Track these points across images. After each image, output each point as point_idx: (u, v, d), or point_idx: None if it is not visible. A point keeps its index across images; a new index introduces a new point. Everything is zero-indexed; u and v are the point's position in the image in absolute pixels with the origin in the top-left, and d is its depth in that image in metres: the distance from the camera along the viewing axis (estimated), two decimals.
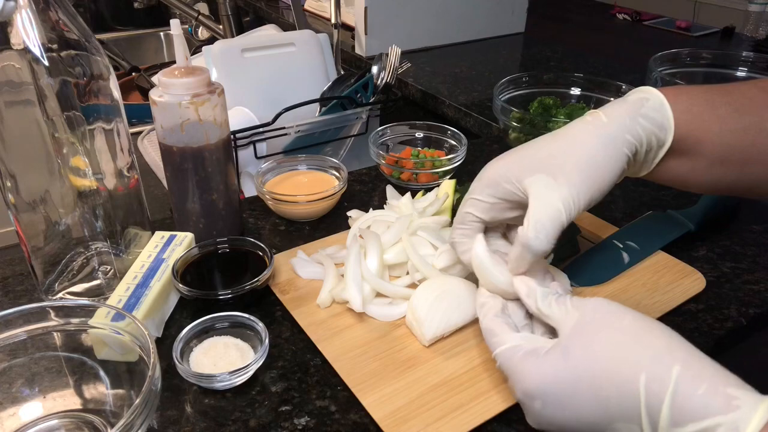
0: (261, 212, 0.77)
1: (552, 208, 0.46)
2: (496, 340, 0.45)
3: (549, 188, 0.46)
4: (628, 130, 0.47)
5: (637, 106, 0.48)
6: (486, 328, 0.47)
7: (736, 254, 0.69)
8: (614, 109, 0.49)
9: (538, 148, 0.49)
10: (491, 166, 0.50)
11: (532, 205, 0.46)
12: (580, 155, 0.47)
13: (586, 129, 0.48)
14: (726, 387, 0.35)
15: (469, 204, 0.51)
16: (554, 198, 0.46)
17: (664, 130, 0.48)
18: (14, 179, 0.54)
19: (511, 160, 0.49)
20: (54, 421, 0.48)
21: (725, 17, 1.89)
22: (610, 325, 0.40)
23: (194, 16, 1.50)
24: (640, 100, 0.48)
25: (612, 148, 0.47)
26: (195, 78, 0.60)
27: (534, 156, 0.48)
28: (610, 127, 0.48)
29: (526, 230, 0.46)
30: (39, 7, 0.50)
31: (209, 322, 0.54)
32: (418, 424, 0.47)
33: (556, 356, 0.41)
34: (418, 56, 1.37)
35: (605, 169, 0.47)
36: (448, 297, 0.55)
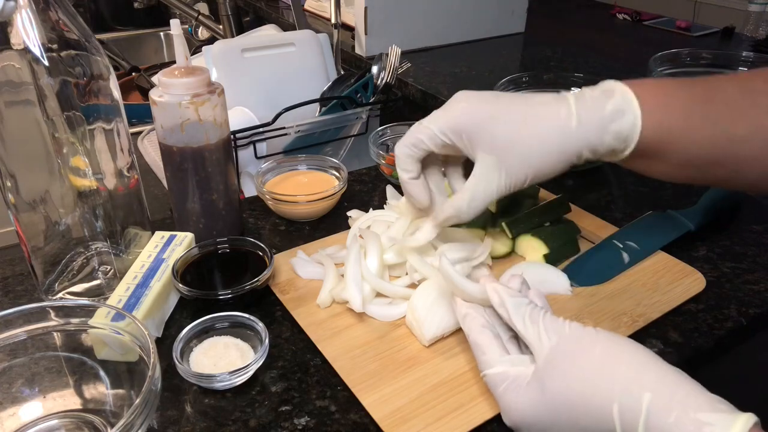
0: (261, 212, 0.77)
1: (488, 191, 0.51)
2: (485, 359, 0.45)
3: (493, 171, 0.50)
4: (590, 144, 0.49)
5: (609, 120, 0.48)
6: (474, 342, 0.47)
7: (736, 254, 0.69)
8: (589, 118, 0.49)
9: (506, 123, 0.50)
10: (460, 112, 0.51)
11: (474, 180, 0.51)
12: (533, 152, 0.49)
13: (554, 129, 0.49)
14: (696, 413, 0.36)
15: (426, 133, 0.52)
16: (493, 182, 0.50)
17: (626, 143, 0.49)
18: (14, 179, 0.54)
19: (480, 120, 0.50)
20: (54, 421, 0.48)
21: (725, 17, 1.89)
22: (582, 356, 0.41)
23: (194, 16, 1.50)
24: (617, 112, 0.48)
25: (565, 154, 0.49)
26: (195, 78, 0.60)
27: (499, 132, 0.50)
28: (575, 136, 0.49)
29: (461, 200, 0.52)
30: (39, 7, 0.50)
31: (209, 322, 0.54)
32: (418, 424, 0.47)
33: (535, 389, 0.42)
34: (418, 56, 1.37)
35: (548, 169, 0.50)
36: (448, 297, 0.55)
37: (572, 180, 0.82)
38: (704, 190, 0.75)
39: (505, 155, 0.50)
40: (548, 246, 0.64)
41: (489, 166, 0.50)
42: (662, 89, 0.50)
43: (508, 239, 0.66)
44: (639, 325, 0.57)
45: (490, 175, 0.50)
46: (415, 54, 1.39)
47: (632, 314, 0.58)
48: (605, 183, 0.84)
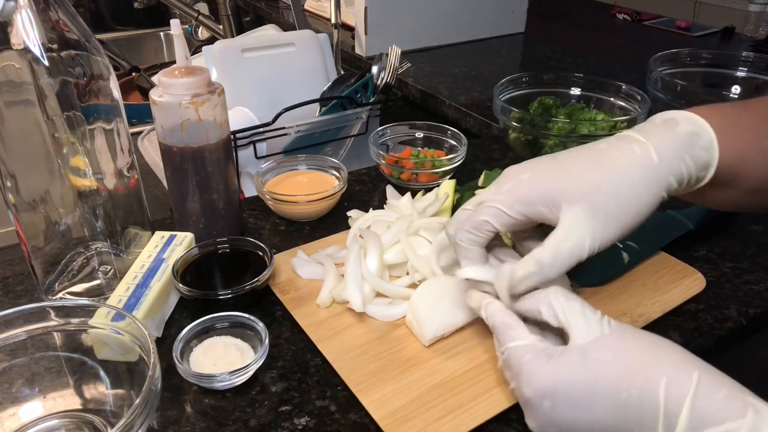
0: (261, 212, 0.77)
1: (579, 245, 0.44)
2: (512, 334, 0.43)
3: (583, 224, 0.44)
4: (674, 171, 0.45)
5: (687, 144, 0.45)
6: (501, 322, 0.45)
7: (736, 254, 0.69)
8: (666, 146, 0.45)
9: (581, 171, 0.45)
10: (527, 182, 0.46)
11: (560, 233, 0.44)
12: (624, 196, 0.44)
13: (635, 165, 0.45)
14: (745, 395, 0.36)
15: (492, 214, 0.46)
16: (586, 236, 0.44)
17: (706, 169, 0.46)
18: (14, 179, 0.54)
19: (551, 180, 0.45)
20: (54, 421, 0.48)
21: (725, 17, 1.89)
22: (628, 338, 0.41)
23: (194, 16, 1.50)
24: (691, 135, 0.45)
25: (655, 192, 0.45)
26: (195, 78, 0.60)
27: (577, 180, 0.45)
28: (659, 169, 0.45)
29: (544, 253, 0.44)
30: (39, 7, 0.50)
31: (209, 322, 0.54)
32: (418, 424, 0.47)
33: (574, 357, 0.40)
34: (418, 56, 1.37)
35: (642, 212, 0.45)
36: (448, 297, 0.55)
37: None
38: None
39: (596, 200, 0.44)
40: None
41: (578, 214, 0.44)
42: (722, 111, 0.48)
43: (508, 239, 0.66)
44: (639, 325, 0.57)
45: (580, 224, 0.43)
46: (415, 54, 1.39)
47: (632, 314, 0.58)
48: None
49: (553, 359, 0.41)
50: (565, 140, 0.80)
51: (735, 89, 1.00)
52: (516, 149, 0.87)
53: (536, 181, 0.46)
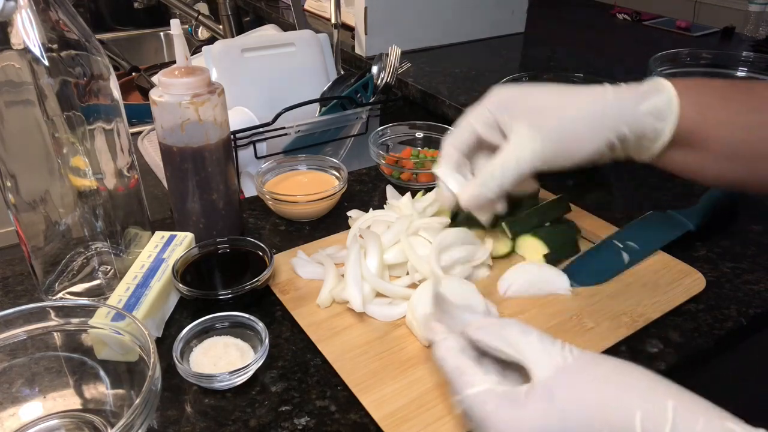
0: (261, 212, 0.77)
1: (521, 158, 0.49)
2: (465, 380, 0.40)
3: (526, 136, 0.49)
4: (625, 116, 0.49)
5: (645, 95, 0.49)
6: (453, 366, 0.41)
7: (736, 254, 0.69)
8: (623, 91, 0.49)
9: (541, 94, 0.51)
10: (500, 89, 0.53)
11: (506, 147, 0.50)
12: (566, 119, 0.49)
13: (588, 96, 0.50)
14: (723, 420, 0.34)
15: (472, 114, 0.53)
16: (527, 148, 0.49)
17: (664, 120, 0.48)
18: (14, 179, 0.54)
19: (517, 94, 0.52)
20: (54, 421, 0.48)
21: (725, 17, 1.89)
22: (591, 369, 0.38)
23: (194, 16, 1.50)
24: (651, 90, 0.49)
25: (600, 126, 0.49)
26: (195, 78, 0.60)
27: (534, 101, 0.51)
28: (609, 105, 0.49)
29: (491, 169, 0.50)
30: (39, 7, 0.50)
31: (209, 322, 0.54)
32: (418, 424, 0.47)
33: (540, 400, 0.37)
34: (418, 56, 1.37)
35: (584, 141, 0.49)
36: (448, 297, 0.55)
37: (572, 180, 0.82)
38: (704, 190, 0.75)
39: (539, 118, 0.49)
40: (548, 246, 0.64)
41: (523, 131, 0.49)
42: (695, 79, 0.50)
43: (508, 239, 0.66)
44: (639, 325, 0.57)
45: (524, 140, 0.49)
46: (415, 54, 1.39)
47: (632, 314, 0.58)
48: (605, 183, 0.84)
49: (519, 404, 0.38)
50: None
51: None
52: None
53: (509, 90, 0.52)
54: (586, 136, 0.49)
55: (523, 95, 0.51)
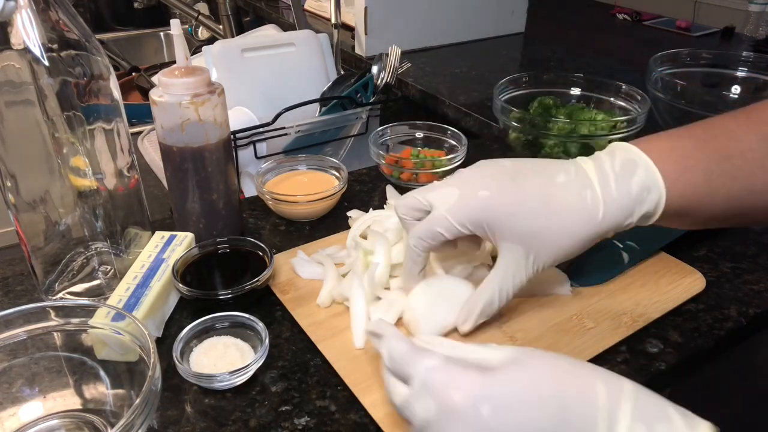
0: (261, 212, 0.77)
1: (518, 278, 0.51)
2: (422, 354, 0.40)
3: (521, 259, 0.50)
4: (615, 224, 0.49)
5: (636, 201, 0.49)
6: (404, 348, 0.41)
7: (736, 254, 0.69)
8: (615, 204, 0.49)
9: (531, 211, 0.49)
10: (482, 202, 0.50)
11: (501, 269, 0.51)
12: (562, 242, 0.50)
13: (581, 219, 0.49)
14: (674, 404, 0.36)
15: (444, 225, 0.51)
16: (522, 269, 0.51)
17: (650, 219, 0.50)
18: (14, 179, 0.54)
19: (504, 212, 0.49)
20: (54, 421, 0.48)
21: (725, 17, 1.89)
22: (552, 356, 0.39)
23: (194, 16, 1.50)
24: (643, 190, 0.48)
25: (592, 239, 0.50)
26: (195, 78, 0.60)
27: (523, 222, 0.49)
28: (602, 226, 0.49)
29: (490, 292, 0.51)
30: (39, 7, 0.50)
31: (209, 322, 0.54)
32: None
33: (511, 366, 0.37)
34: (418, 56, 1.37)
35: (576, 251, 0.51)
36: (445, 296, 0.55)
37: None
38: None
39: (533, 245, 0.50)
40: None
41: (516, 255, 0.50)
42: (680, 151, 0.50)
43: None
44: (639, 325, 0.57)
45: (518, 263, 0.50)
46: (415, 54, 1.39)
47: (632, 314, 0.58)
48: None
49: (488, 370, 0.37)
50: (565, 140, 0.80)
51: (735, 89, 1.00)
52: (516, 149, 0.87)
53: (489, 208, 0.50)
54: (577, 249, 0.50)
55: (508, 215, 0.49)
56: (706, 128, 0.51)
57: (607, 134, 0.78)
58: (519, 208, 0.49)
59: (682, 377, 0.56)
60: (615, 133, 0.78)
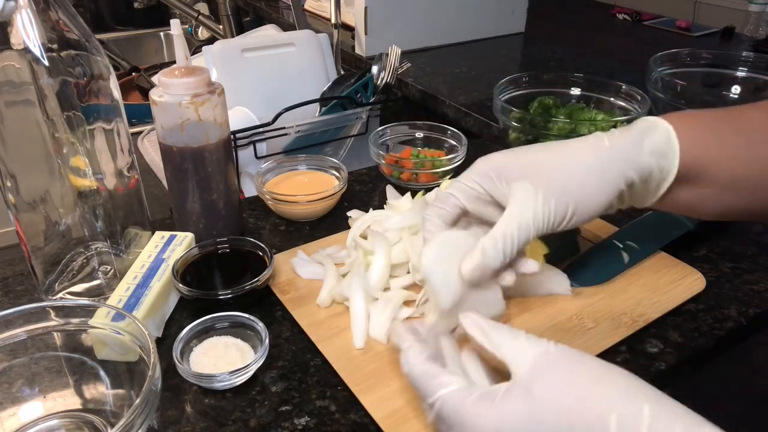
0: (261, 212, 0.77)
1: (525, 224, 0.45)
2: (437, 382, 0.40)
3: (528, 199, 0.45)
4: (629, 160, 0.46)
5: (642, 135, 0.47)
6: (421, 371, 0.41)
7: (736, 254, 0.69)
8: (618, 136, 0.47)
9: (534, 153, 0.48)
10: (486, 158, 0.49)
11: (507, 212, 0.46)
12: (570, 173, 0.46)
13: (585, 148, 0.47)
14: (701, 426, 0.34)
15: (456, 187, 0.49)
16: (528, 211, 0.45)
17: (668, 159, 0.47)
18: (14, 179, 0.54)
19: (507, 158, 0.48)
20: (54, 421, 0.48)
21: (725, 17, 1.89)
22: (573, 365, 0.38)
23: (194, 16, 1.50)
24: (646, 129, 0.47)
25: (607, 175, 0.46)
26: (195, 78, 0.60)
27: (528, 160, 0.47)
28: (610, 153, 0.47)
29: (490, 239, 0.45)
30: (39, 7, 0.50)
31: (209, 322, 0.54)
32: (418, 424, 0.47)
33: (517, 396, 0.37)
34: (418, 56, 1.37)
35: (593, 195, 0.46)
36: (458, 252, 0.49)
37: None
38: None
39: (539, 178, 0.46)
40: (548, 246, 0.64)
41: (525, 193, 0.45)
42: (686, 113, 0.49)
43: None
44: (639, 325, 0.57)
45: (526, 204, 0.45)
46: (415, 54, 1.39)
47: (632, 314, 0.58)
48: None
49: (498, 400, 0.37)
50: None
51: (735, 89, 1.00)
52: None
53: (494, 157, 0.49)
54: (594, 188, 0.46)
55: (515, 158, 0.48)
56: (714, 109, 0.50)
57: None
58: (526, 150, 0.49)
59: (682, 377, 0.56)
60: None
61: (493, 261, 0.45)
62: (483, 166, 0.49)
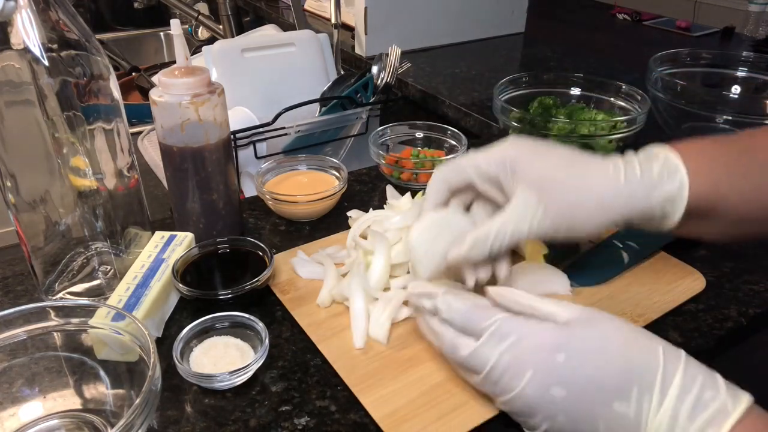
0: (261, 212, 0.77)
1: (520, 227, 0.48)
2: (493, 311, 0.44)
3: (528, 208, 0.48)
4: (636, 205, 0.48)
5: (656, 181, 0.48)
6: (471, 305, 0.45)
7: (736, 254, 0.69)
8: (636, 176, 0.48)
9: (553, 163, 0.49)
10: (512, 146, 0.50)
11: (507, 212, 0.49)
12: (578, 200, 0.48)
13: (601, 177, 0.48)
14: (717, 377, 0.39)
15: (471, 161, 0.51)
16: (527, 219, 0.48)
17: (675, 205, 0.48)
18: (14, 179, 0.54)
19: (528, 157, 0.49)
20: (54, 421, 0.48)
21: (725, 17, 1.89)
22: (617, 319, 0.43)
23: (194, 16, 1.50)
24: (662, 173, 0.48)
25: (606, 212, 0.48)
26: (195, 78, 0.60)
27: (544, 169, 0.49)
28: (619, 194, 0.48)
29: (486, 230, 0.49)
30: (39, 7, 0.50)
31: (209, 322, 0.54)
32: (418, 424, 0.47)
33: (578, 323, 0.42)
34: (418, 56, 1.37)
35: (590, 224, 0.48)
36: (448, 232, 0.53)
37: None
38: None
39: (547, 194, 0.48)
40: (548, 246, 0.64)
41: (527, 201, 0.48)
42: (701, 147, 0.50)
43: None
44: (639, 325, 0.57)
45: (526, 211, 0.48)
46: (415, 54, 1.39)
47: (632, 314, 0.58)
48: None
49: (561, 323, 0.42)
50: (565, 140, 0.80)
51: (735, 89, 0.99)
52: None
53: (517, 148, 0.50)
54: (591, 217, 0.48)
55: (532, 160, 0.49)
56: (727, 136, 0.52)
57: (607, 134, 0.78)
58: (544, 154, 0.50)
59: None
60: (615, 133, 0.78)
61: (478, 255, 0.49)
62: (503, 154, 0.50)
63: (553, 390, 0.40)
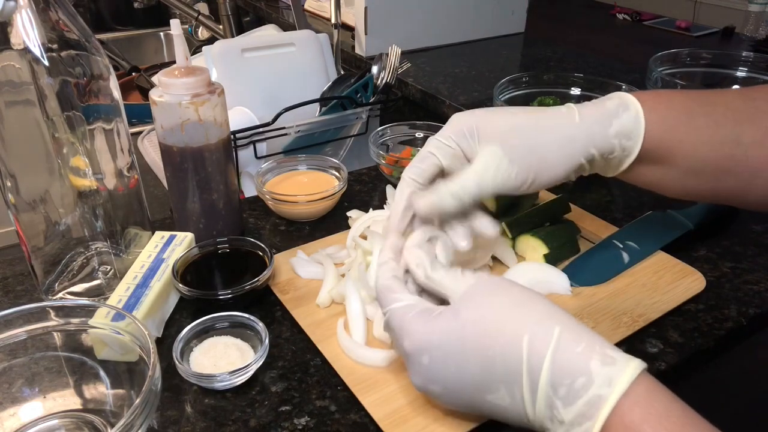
0: (261, 212, 0.77)
1: (486, 179, 0.48)
2: (393, 297, 0.45)
3: (493, 159, 0.48)
4: (594, 138, 0.48)
5: (612, 115, 0.49)
6: (384, 285, 0.46)
7: (736, 254, 0.69)
8: (590, 112, 0.49)
9: (509, 117, 0.50)
10: (462, 115, 0.51)
11: (471, 167, 0.49)
12: (538, 143, 0.48)
13: (556, 118, 0.49)
14: (603, 348, 0.38)
15: (434, 145, 0.51)
16: (493, 170, 0.48)
17: (632, 140, 0.49)
18: (14, 179, 0.54)
19: (482, 119, 0.50)
20: (54, 421, 0.48)
21: (725, 17, 1.89)
22: (499, 293, 0.43)
23: (194, 16, 1.50)
24: (618, 108, 0.49)
25: (570, 150, 0.49)
26: (195, 78, 0.60)
27: (502, 123, 0.49)
28: (578, 128, 0.49)
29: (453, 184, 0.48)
30: (39, 7, 0.50)
31: (209, 322, 0.54)
32: (418, 424, 0.47)
33: (448, 315, 0.42)
34: (418, 56, 1.37)
35: (555, 166, 0.49)
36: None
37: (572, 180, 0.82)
38: None
39: (509, 140, 0.48)
40: (548, 246, 0.64)
41: (491, 153, 0.48)
42: (660, 93, 0.50)
43: (507, 239, 0.66)
44: (639, 325, 0.57)
45: (492, 163, 0.48)
46: (415, 54, 1.39)
47: (632, 314, 0.58)
48: (605, 183, 0.84)
49: (432, 318, 0.43)
50: None
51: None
52: None
53: (470, 115, 0.50)
54: (557, 161, 0.49)
55: (488, 118, 0.50)
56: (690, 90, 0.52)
57: None
58: (500, 112, 0.50)
59: (682, 377, 0.56)
60: None
61: (447, 204, 0.49)
62: (459, 123, 0.50)
63: (430, 386, 0.43)
